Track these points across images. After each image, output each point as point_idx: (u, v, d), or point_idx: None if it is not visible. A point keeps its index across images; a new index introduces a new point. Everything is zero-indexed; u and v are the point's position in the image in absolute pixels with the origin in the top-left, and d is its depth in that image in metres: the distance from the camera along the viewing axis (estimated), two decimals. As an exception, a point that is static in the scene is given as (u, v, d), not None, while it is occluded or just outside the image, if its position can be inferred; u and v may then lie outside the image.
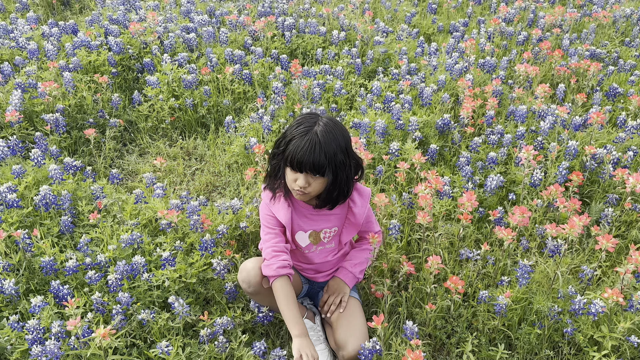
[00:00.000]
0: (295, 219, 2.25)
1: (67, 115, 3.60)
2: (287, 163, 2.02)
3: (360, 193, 2.27)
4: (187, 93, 3.89)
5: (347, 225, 2.31)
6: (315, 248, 2.34)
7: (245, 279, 2.18)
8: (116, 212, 2.71)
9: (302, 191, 2.05)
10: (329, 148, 1.97)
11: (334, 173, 2.02)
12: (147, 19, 4.48)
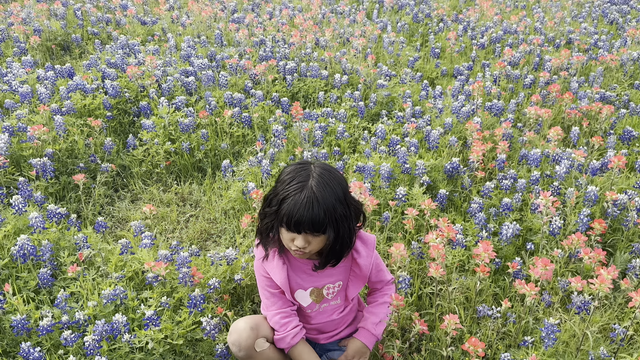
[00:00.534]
0: (293, 277, 2.03)
1: (57, 160, 3.43)
2: (283, 224, 1.81)
3: (364, 241, 2.05)
4: (184, 137, 3.73)
5: (353, 279, 2.08)
6: (318, 307, 2.11)
7: (236, 342, 1.95)
8: (100, 263, 2.49)
9: (302, 251, 1.85)
10: (327, 203, 1.77)
11: (335, 229, 1.81)
12: (145, 62, 4.39)
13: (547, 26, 6.39)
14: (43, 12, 5.67)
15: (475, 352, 2.06)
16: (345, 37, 5.81)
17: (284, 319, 2.02)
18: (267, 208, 1.88)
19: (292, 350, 2.03)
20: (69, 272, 2.24)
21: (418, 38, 6.43)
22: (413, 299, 2.58)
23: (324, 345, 2.19)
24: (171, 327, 2.19)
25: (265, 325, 2.04)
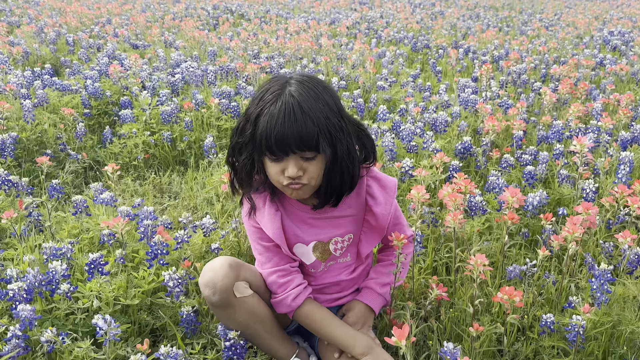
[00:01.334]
0: (290, 227, 1.58)
1: (23, 148, 3.08)
2: (264, 151, 1.39)
3: (383, 185, 1.60)
4: (165, 128, 3.39)
5: (367, 231, 1.64)
6: (324, 266, 1.65)
7: (210, 282, 1.47)
8: (50, 229, 2.06)
9: (298, 183, 1.42)
10: (314, 110, 1.37)
11: (331, 144, 1.39)
12: (131, 67, 4.15)
13: (550, 47, 6.24)
14: (31, 34, 5.54)
15: (512, 303, 1.60)
16: (342, 57, 5.63)
17: (283, 277, 1.57)
18: (239, 139, 1.46)
19: (296, 314, 1.59)
20: (3, 218, 1.81)
21: (418, 63, 6.27)
22: (427, 264, 2.12)
23: None
24: (124, 285, 1.74)
25: (249, 269, 1.58)
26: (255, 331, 1.57)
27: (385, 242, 1.72)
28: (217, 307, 1.51)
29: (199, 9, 9.34)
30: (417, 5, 12.40)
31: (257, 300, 1.56)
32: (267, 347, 1.62)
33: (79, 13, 7.47)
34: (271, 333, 1.60)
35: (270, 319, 1.59)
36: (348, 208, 1.59)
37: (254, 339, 1.60)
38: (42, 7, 8.57)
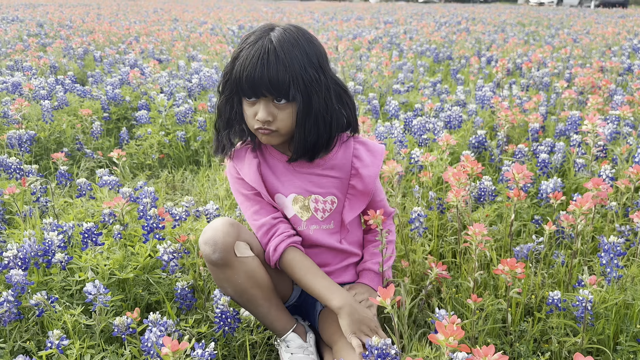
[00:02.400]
0: (269, 175, 1.58)
1: (41, 147, 3.17)
2: (239, 89, 1.43)
3: (370, 148, 1.61)
4: (179, 128, 3.44)
5: (352, 196, 1.60)
6: (306, 226, 1.60)
7: (210, 239, 1.44)
8: (54, 209, 2.09)
9: (267, 128, 1.43)
10: (290, 57, 1.38)
11: (305, 94, 1.40)
12: (151, 74, 4.25)
13: (575, 54, 6.11)
14: (60, 50, 5.76)
15: (513, 274, 1.53)
16: (361, 67, 5.64)
17: (267, 232, 1.55)
18: (223, 79, 1.51)
19: (281, 263, 1.55)
20: (5, 194, 1.85)
21: (439, 73, 6.22)
22: (432, 247, 2.05)
23: None
24: (120, 260, 1.74)
25: (250, 233, 1.56)
26: (252, 297, 1.52)
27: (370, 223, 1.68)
28: (216, 266, 1.47)
29: (224, 29, 9.58)
30: (443, 24, 12.41)
31: (258, 263, 1.52)
32: (263, 315, 1.56)
33: (108, 32, 7.75)
34: (269, 301, 1.55)
35: (268, 286, 1.55)
36: (331, 169, 1.57)
37: (251, 305, 1.54)
38: (75, 29, 8.93)
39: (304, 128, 1.44)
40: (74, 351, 1.39)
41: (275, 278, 1.59)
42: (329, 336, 1.55)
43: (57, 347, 1.33)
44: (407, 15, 15.65)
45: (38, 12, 13.78)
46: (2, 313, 1.47)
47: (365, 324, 1.42)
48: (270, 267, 1.57)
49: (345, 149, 1.57)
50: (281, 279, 1.62)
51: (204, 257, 1.48)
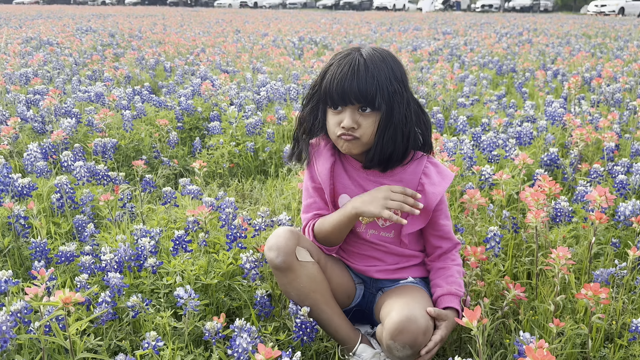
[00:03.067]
0: (341, 175, 1.67)
1: (121, 154, 3.36)
2: (327, 99, 1.55)
3: (440, 170, 1.66)
4: (249, 139, 3.56)
5: None
6: (364, 228, 1.69)
7: (274, 245, 1.56)
8: (142, 215, 2.22)
9: (350, 135, 1.53)
10: (378, 70, 1.50)
11: (388, 105, 1.50)
12: (221, 86, 4.41)
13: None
14: (133, 61, 6.06)
15: (597, 301, 1.50)
16: (423, 79, 5.64)
17: (306, 226, 1.70)
18: (309, 91, 1.64)
19: (317, 238, 1.68)
20: (101, 200, 1.98)
21: (503, 86, 6.12)
22: (506, 268, 2.04)
23: (378, 281, 1.73)
24: (205, 266, 1.83)
25: (309, 241, 1.67)
26: (315, 302, 1.60)
27: (434, 245, 1.71)
28: (279, 270, 1.58)
29: (285, 41, 9.79)
30: (504, 34, 12.18)
31: (318, 269, 1.62)
32: (327, 322, 1.63)
33: (177, 43, 8.10)
34: (330, 308, 1.62)
35: (328, 292, 1.63)
36: (399, 182, 1.62)
37: (315, 311, 1.61)
38: (145, 40, 9.37)
39: (383, 137, 1.53)
40: (166, 352, 1.48)
41: (336, 283, 1.68)
42: (379, 312, 1.60)
43: (154, 348, 1.42)
44: (466, 26, 15.45)
45: (109, 22, 14.53)
46: (99, 315, 1.58)
47: (387, 197, 1.53)
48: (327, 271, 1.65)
49: (416, 165, 1.63)
50: (343, 282, 1.71)
51: (268, 262, 1.60)
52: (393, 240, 1.69)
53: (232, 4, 42.09)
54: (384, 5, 39.09)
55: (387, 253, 1.70)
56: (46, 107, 3.29)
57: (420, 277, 1.72)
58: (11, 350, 1.45)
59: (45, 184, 2.40)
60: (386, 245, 1.69)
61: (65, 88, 4.62)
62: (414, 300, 1.52)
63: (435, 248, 1.70)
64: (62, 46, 7.92)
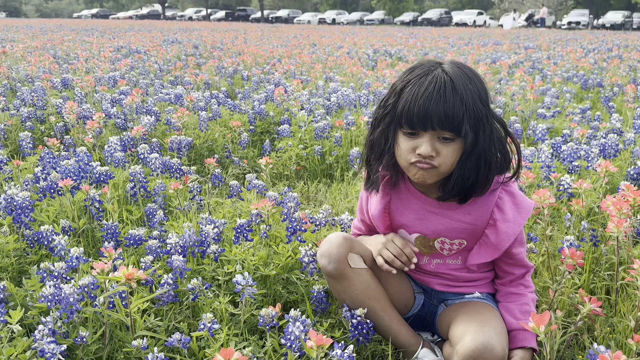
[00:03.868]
0: (399, 210, 1.56)
1: (195, 152, 3.48)
2: (403, 122, 1.37)
3: (518, 202, 1.47)
4: (317, 143, 3.58)
5: (484, 243, 1.51)
6: (427, 260, 1.60)
7: (326, 252, 1.51)
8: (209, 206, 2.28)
9: (428, 163, 1.36)
10: (466, 91, 1.32)
11: (474, 131, 1.33)
12: (293, 92, 4.49)
13: None
14: (213, 69, 6.31)
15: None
16: (501, 91, 5.44)
17: None
18: (380, 110, 1.46)
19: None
20: (170, 189, 2.05)
21: (588, 100, 5.78)
22: (582, 281, 1.89)
23: (440, 293, 1.64)
24: (265, 257, 1.84)
25: (363, 247, 1.60)
26: (372, 309, 1.54)
27: (504, 271, 1.58)
28: (332, 277, 1.53)
29: (359, 52, 9.84)
30: (591, 50, 11.56)
31: (372, 275, 1.56)
32: (385, 329, 1.57)
33: (255, 54, 8.36)
34: (388, 314, 1.56)
35: (384, 298, 1.57)
36: (468, 214, 1.48)
37: (372, 318, 1.56)
38: (226, 51, 9.75)
39: (465, 167, 1.37)
40: (221, 336, 1.48)
41: (393, 290, 1.60)
42: (446, 328, 1.51)
43: (209, 330, 1.43)
44: (550, 41, 14.82)
45: (194, 35, 15.28)
46: (162, 294, 1.62)
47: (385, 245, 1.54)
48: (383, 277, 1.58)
49: (488, 195, 1.46)
50: (400, 290, 1.63)
51: (321, 269, 1.55)
52: (461, 267, 1.59)
53: (311, 20, 43.12)
54: (464, 22, 38.48)
55: (454, 280, 1.61)
56: (128, 104, 3.48)
57: (487, 293, 1.62)
58: (77, 322, 1.51)
59: (122, 173, 2.52)
60: (453, 273, 1.59)
61: (148, 90, 4.88)
62: (489, 325, 1.39)
63: (506, 274, 1.58)
64: (148, 54, 8.40)
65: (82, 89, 4.21)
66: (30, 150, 2.86)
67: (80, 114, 3.46)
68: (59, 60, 7.26)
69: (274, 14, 49.07)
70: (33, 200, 1.93)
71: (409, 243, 1.56)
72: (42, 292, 1.45)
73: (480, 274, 1.61)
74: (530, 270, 1.59)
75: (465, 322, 1.44)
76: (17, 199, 1.85)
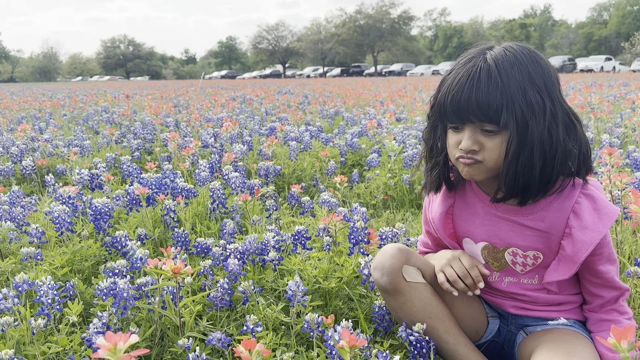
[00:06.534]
0: (462, 216, 1.41)
1: (284, 180, 3.53)
2: (443, 114, 1.27)
3: (598, 207, 1.26)
4: (406, 172, 3.46)
5: (560, 260, 1.30)
6: (497, 277, 1.41)
7: (379, 265, 1.38)
8: (278, 221, 2.26)
9: (471, 158, 1.23)
10: (507, 77, 1.18)
11: (521, 122, 1.18)
12: (387, 126, 4.44)
13: None
14: (316, 111, 6.46)
15: None
16: (620, 123, 4.93)
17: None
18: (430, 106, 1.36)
19: None
20: (239, 201, 2.06)
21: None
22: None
23: (518, 317, 1.43)
24: (326, 270, 1.75)
25: (422, 259, 1.44)
26: (434, 329, 1.37)
27: (593, 294, 1.34)
28: (387, 292, 1.39)
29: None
30: None
31: (432, 292, 1.39)
32: (451, 353, 1.37)
33: (357, 98, 8.49)
34: (454, 336, 1.37)
35: (449, 319, 1.39)
36: (541, 221, 1.29)
37: (435, 340, 1.38)
38: (332, 98, 10.03)
39: (515, 162, 1.21)
40: (266, 341, 1.40)
41: (461, 313, 1.42)
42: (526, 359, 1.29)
43: (251, 332, 1.37)
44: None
45: (306, 88, 16.00)
46: (215, 297, 1.59)
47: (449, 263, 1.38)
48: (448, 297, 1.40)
49: (564, 199, 1.28)
50: (470, 313, 1.43)
51: (375, 284, 1.42)
52: (538, 287, 1.38)
53: (424, 72, 43.28)
54: (590, 68, 36.24)
55: (532, 303, 1.40)
56: (223, 133, 3.65)
57: (576, 320, 1.38)
58: (130, 319, 1.53)
59: (206, 193, 2.61)
60: (529, 294, 1.38)
61: (247, 125, 5.11)
62: (577, 356, 1.18)
63: (594, 297, 1.35)
64: (259, 98, 8.88)
65: (188, 125, 4.52)
66: (134, 175, 3.09)
67: (182, 144, 3.69)
68: (180, 107, 7.93)
69: (387, 69, 50.10)
70: (111, 207, 2.04)
71: (479, 264, 1.38)
72: (98, 286, 1.49)
73: (564, 297, 1.38)
74: (625, 294, 1.33)
75: (548, 351, 1.23)
76: (97, 204, 1.96)
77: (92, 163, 3.38)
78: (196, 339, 1.47)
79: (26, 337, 1.42)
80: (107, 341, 0.84)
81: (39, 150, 4.05)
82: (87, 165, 3.31)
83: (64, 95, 13.41)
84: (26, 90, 19.14)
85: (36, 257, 1.72)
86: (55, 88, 22.29)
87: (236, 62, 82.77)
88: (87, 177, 2.68)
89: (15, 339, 1.41)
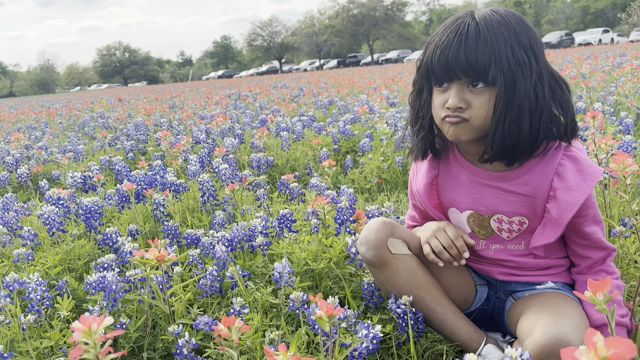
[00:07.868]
0: (446, 186, 1.42)
1: (277, 171, 3.54)
2: (430, 74, 1.27)
3: (581, 167, 1.27)
4: (398, 154, 3.46)
5: (546, 224, 1.31)
6: (484, 245, 1.42)
7: (364, 239, 1.39)
8: (268, 207, 2.27)
9: (457, 116, 1.23)
10: (494, 34, 1.19)
11: (508, 78, 1.18)
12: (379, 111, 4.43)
13: None
14: (309, 102, 6.46)
15: None
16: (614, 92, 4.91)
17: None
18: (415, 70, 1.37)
19: None
20: (227, 190, 2.07)
21: None
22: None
23: (505, 284, 1.44)
24: (314, 252, 1.76)
25: (407, 231, 1.46)
26: (422, 300, 1.38)
27: (579, 256, 1.35)
28: (373, 266, 1.40)
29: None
30: None
31: (418, 262, 1.40)
32: (440, 322, 1.39)
33: (351, 86, 8.49)
34: (442, 305, 1.39)
35: (437, 288, 1.40)
36: (525, 185, 1.30)
37: (424, 310, 1.40)
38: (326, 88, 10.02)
39: (503, 120, 1.21)
40: (254, 322, 1.42)
41: (449, 282, 1.44)
42: (516, 324, 1.29)
43: (238, 314, 1.38)
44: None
45: (302, 81, 15.98)
46: (205, 284, 1.61)
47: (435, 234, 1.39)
48: (435, 267, 1.42)
49: (547, 162, 1.28)
50: (458, 282, 1.45)
51: (362, 258, 1.43)
52: (525, 252, 1.38)
53: (422, 58, 42.92)
54: (588, 42, 35.90)
55: (519, 269, 1.41)
56: (213, 128, 3.67)
57: (564, 283, 1.39)
58: (122, 312, 1.54)
59: (196, 186, 2.62)
60: (516, 259, 1.39)
61: (239, 119, 5.12)
62: (564, 316, 1.18)
63: (582, 259, 1.35)
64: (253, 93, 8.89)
65: (181, 124, 4.53)
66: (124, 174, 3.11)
67: (174, 142, 3.70)
68: (175, 108, 7.95)
69: (384, 57, 49.89)
70: (101, 205, 2.06)
71: (464, 234, 1.40)
72: (87, 280, 1.51)
73: (551, 261, 1.39)
74: (612, 254, 1.34)
75: (535, 314, 1.24)
76: (87, 203, 1.98)
77: (87, 167, 3.40)
78: (187, 325, 1.49)
79: (19, 335, 1.44)
80: (82, 324, 0.85)
81: (33, 158, 4.08)
82: (82, 169, 3.34)
83: (60, 105, 13.47)
84: (24, 104, 19.25)
85: (27, 258, 1.75)
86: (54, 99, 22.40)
87: (232, 61, 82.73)
88: (80, 179, 2.70)
89: (8, 337, 1.43)
